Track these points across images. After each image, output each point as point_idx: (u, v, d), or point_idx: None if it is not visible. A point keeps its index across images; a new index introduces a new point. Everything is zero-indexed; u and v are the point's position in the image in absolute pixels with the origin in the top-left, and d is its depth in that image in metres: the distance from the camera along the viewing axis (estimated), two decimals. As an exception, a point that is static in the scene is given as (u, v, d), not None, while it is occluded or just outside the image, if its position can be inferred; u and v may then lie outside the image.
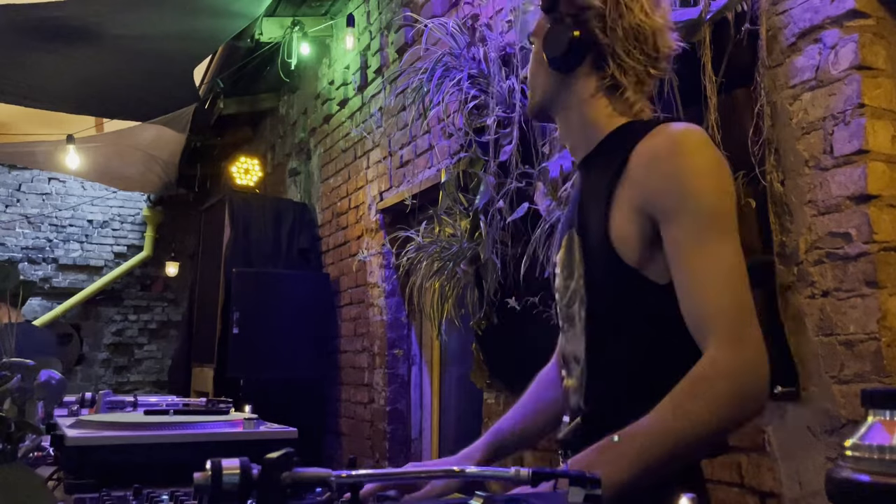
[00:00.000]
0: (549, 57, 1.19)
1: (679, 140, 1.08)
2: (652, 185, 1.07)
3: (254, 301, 4.64)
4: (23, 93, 4.62)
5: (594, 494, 0.67)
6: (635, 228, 1.08)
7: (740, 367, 0.97)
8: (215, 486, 0.64)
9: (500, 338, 2.72)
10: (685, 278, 1.03)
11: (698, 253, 1.02)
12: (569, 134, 1.24)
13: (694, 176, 1.05)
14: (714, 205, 1.04)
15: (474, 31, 2.72)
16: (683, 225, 1.03)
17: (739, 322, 0.99)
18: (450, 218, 2.85)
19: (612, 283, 1.12)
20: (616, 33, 1.14)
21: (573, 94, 1.19)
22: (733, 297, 1.01)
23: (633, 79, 1.16)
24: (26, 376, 1.27)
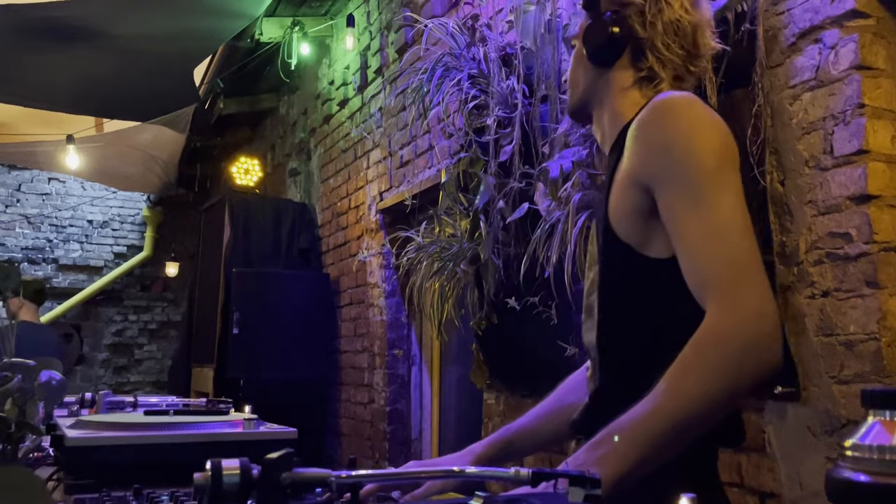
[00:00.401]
0: (588, 51, 1.20)
1: (660, 106, 1.07)
2: (640, 154, 1.06)
3: (254, 301, 4.64)
4: (23, 93, 4.62)
5: (594, 494, 0.67)
6: (630, 201, 1.07)
7: (735, 328, 0.92)
8: (215, 486, 0.64)
9: (500, 338, 2.72)
10: (681, 242, 1.00)
11: (692, 213, 0.99)
12: (601, 127, 1.24)
13: (678, 137, 1.03)
14: (704, 162, 1.01)
15: (474, 31, 2.72)
16: (674, 188, 1.01)
17: (736, 278, 0.95)
18: (450, 218, 2.85)
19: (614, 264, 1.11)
20: (655, 28, 1.14)
21: (609, 87, 1.20)
22: (728, 254, 0.96)
23: (671, 73, 1.17)
24: (27, 377, 1.27)
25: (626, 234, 1.08)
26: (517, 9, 2.62)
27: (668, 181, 1.02)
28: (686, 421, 0.93)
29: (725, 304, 0.94)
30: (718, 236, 0.97)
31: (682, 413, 0.92)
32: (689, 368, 0.93)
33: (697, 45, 1.17)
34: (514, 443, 1.28)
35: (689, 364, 0.94)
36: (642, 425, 0.93)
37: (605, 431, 0.95)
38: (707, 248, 0.97)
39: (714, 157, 1.02)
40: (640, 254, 1.06)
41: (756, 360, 0.93)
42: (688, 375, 0.93)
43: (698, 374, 0.93)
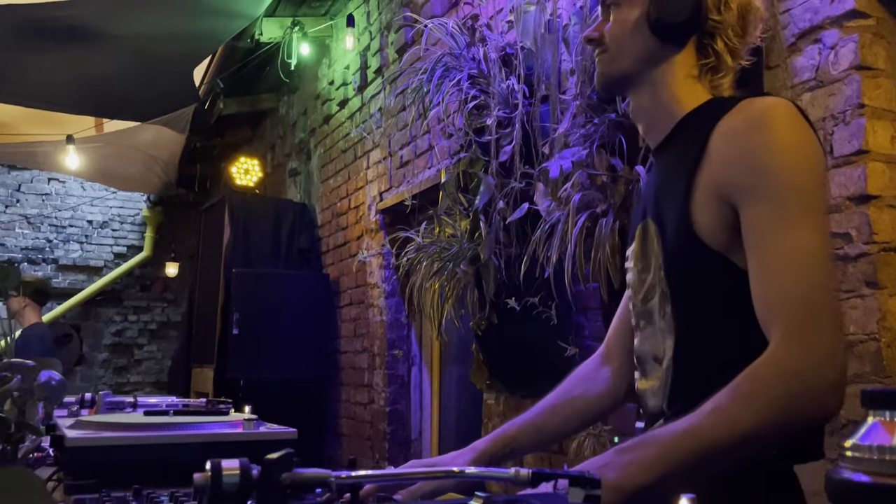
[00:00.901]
0: (661, 23, 1.07)
1: (761, 114, 0.98)
2: (729, 163, 0.97)
3: (254, 301, 4.64)
4: (23, 93, 4.63)
5: (594, 495, 0.67)
6: (717, 214, 0.98)
7: (800, 366, 0.86)
8: (215, 486, 0.64)
9: (500, 338, 2.72)
10: (756, 264, 0.93)
11: (772, 238, 0.91)
12: (647, 113, 1.13)
13: (773, 152, 0.94)
14: (795, 183, 0.93)
15: (474, 31, 2.72)
16: (760, 206, 0.93)
17: (810, 316, 0.88)
18: (450, 218, 2.85)
19: (696, 272, 1.02)
20: (731, 11, 1.06)
21: (669, 69, 1.09)
22: (806, 287, 0.89)
23: (737, 63, 1.09)
24: (26, 377, 1.27)
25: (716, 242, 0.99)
26: (517, 9, 2.62)
27: (754, 198, 0.94)
28: (725, 449, 0.87)
29: (795, 339, 0.87)
30: (800, 267, 0.90)
31: (723, 441, 0.87)
32: (742, 396, 0.87)
33: (751, 35, 1.09)
34: (518, 438, 1.23)
35: (744, 394, 0.87)
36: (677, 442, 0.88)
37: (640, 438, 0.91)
38: (786, 275, 0.90)
39: (808, 177, 0.95)
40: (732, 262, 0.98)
41: (815, 405, 0.88)
42: (739, 405, 0.87)
43: (751, 406, 0.87)
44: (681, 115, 1.08)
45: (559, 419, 1.25)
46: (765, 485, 0.97)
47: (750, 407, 0.86)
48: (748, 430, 0.86)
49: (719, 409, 0.87)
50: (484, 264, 2.60)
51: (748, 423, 0.86)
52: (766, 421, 0.86)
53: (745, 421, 0.86)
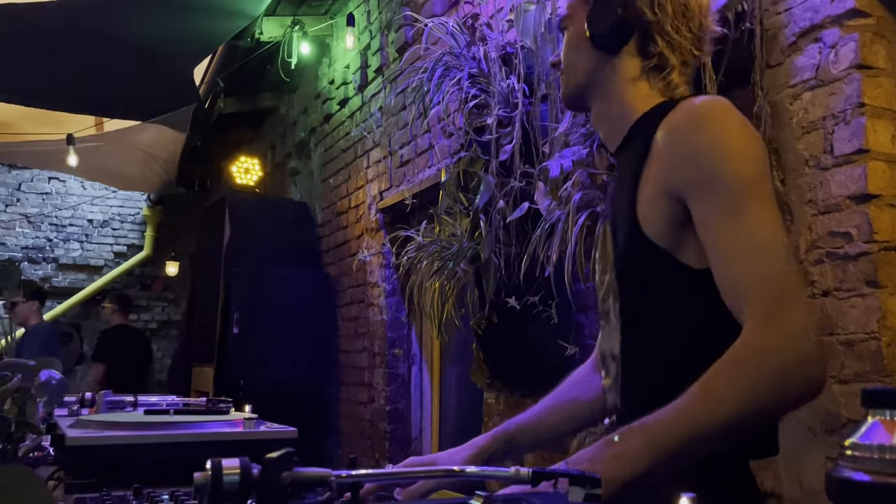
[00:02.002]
0: (594, 35, 1.13)
1: (700, 112, 1.02)
2: (674, 163, 1.01)
3: (254, 301, 4.64)
4: (23, 93, 4.63)
5: (594, 494, 0.67)
6: (663, 210, 1.02)
7: (780, 344, 0.89)
8: (215, 486, 0.64)
9: (500, 338, 2.72)
10: (719, 254, 0.96)
11: (731, 226, 0.95)
12: (604, 121, 1.18)
13: (716, 148, 0.99)
14: (742, 174, 0.97)
15: (474, 30, 2.72)
16: (712, 200, 0.97)
17: (779, 296, 0.91)
18: (450, 218, 2.85)
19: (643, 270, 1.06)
20: (665, 10, 1.09)
21: (615, 75, 1.13)
22: (771, 269, 0.93)
23: (680, 57, 1.12)
24: (27, 376, 1.27)
25: (661, 239, 1.03)
26: (517, 8, 2.62)
27: (705, 192, 0.98)
28: (713, 433, 0.89)
29: (769, 319, 0.90)
30: (761, 250, 0.94)
31: (711, 424, 0.89)
32: (727, 379, 0.90)
33: (703, 28, 1.12)
34: (517, 437, 1.25)
35: (728, 375, 0.90)
36: (665, 429, 0.89)
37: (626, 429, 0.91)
38: (749, 262, 0.94)
39: (753, 167, 0.99)
40: (678, 260, 1.02)
41: (801, 379, 0.90)
42: (724, 386, 0.89)
43: (736, 385, 0.89)
44: (633, 118, 1.12)
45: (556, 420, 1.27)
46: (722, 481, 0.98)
47: (735, 388, 0.89)
48: (735, 411, 0.88)
49: (705, 393, 0.89)
50: (484, 263, 2.60)
51: (734, 405, 0.88)
52: (751, 401, 0.89)
53: (731, 402, 0.88)
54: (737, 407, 0.88)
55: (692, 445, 0.89)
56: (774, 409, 0.92)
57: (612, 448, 0.90)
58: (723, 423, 0.89)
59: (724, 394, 0.88)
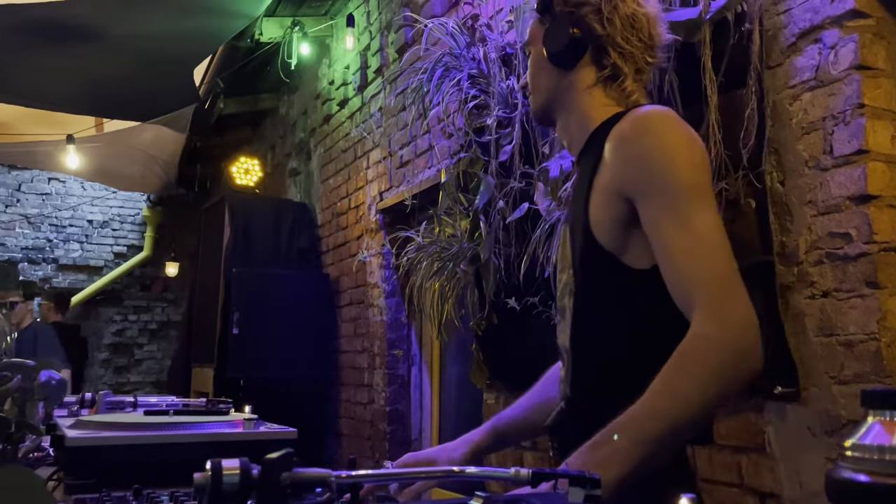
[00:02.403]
0: (550, 54, 1.22)
1: (643, 120, 1.10)
2: (622, 167, 1.09)
3: (254, 301, 4.64)
4: (23, 93, 4.63)
5: (594, 495, 0.67)
6: (611, 211, 1.10)
7: (726, 337, 0.97)
8: (215, 486, 0.64)
9: (500, 338, 2.72)
10: (666, 254, 1.03)
11: (676, 227, 1.02)
12: (567, 130, 1.27)
13: (661, 153, 1.06)
14: (686, 178, 1.05)
15: (474, 31, 2.72)
16: (658, 203, 1.05)
17: (722, 291, 0.99)
18: (450, 218, 2.85)
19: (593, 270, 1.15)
20: (614, 24, 1.17)
21: (573, 88, 1.22)
22: (714, 267, 1.01)
23: (633, 66, 1.20)
24: (27, 377, 1.27)
25: (608, 242, 1.11)
26: (517, 9, 2.62)
27: (651, 194, 1.05)
28: (683, 422, 0.96)
29: (715, 313, 0.98)
30: (705, 249, 1.01)
31: (680, 414, 0.96)
32: (685, 372, 0.97)
33: (653, 37, 1.20)
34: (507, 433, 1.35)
35: (685, 368, 0.97)
36: (642, 426, 0.95)
37: (605, 432, 0.97)
38: (694, 261, 1.01)
39: (695, 171, 1.06)
40: (622, 262, 1.10)
41: (746, 367, 0.98)
42: (683, 378, 0.96)
43: (694, 377, 0.96)
44: (591, 125, 1.21)
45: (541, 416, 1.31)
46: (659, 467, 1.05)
47: (694, 378, 0.96)
48: (699, 401, 0.96)
49: (667, 387, 0.97)
50: (484, 264, 2.60)
51: (698, 395, 0.96)
52: (711, 390, 0.97)
53: (695, 393, 0.96)
54: (700, 397, 0.96)
55: (671, 438, 0.97)
56: (728, 394, 1.00)
57: (599, 451, 0.96)
58: (692, 413, 0.96)
59: (688, 386, 0.96)
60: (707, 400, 0.97)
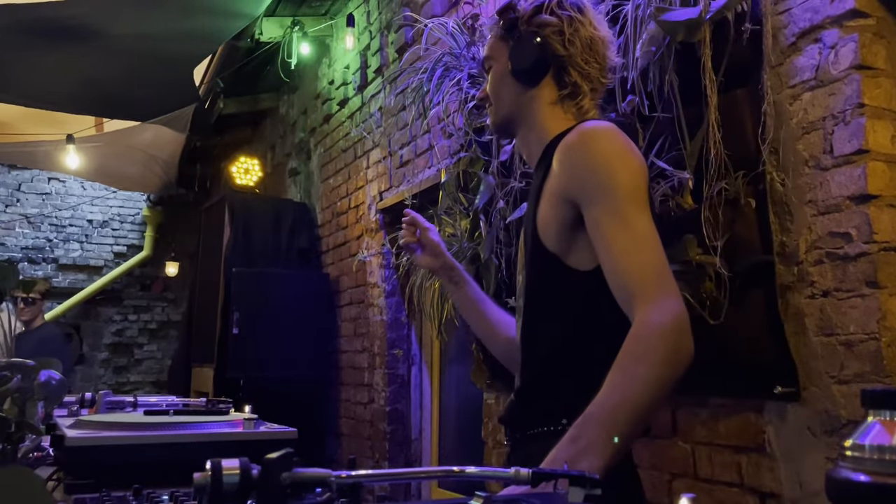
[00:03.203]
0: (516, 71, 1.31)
1: (588, 132, 1.20)
2: (568, 173, 1.19)
3: (254, 301, 4.64)
4: (23, 93, 4.63)
5: (594, 494, 0.67)
6: (557, 216, 1.20)
7: (669, 324, 1.06)
8: (215, 486, 0.64)
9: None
10: (607, 251, 1.13)
11: (617, 227, 1.13)
12: (527, 144, 1.37)
13: (604, 159, 1.17)
14: (625, 183, 1.15)
15: (474, 30, 2.72)
16: (600, 205, 1.15)
17: (659, 283, 1.09)
18: (450, 218, 2.85)
19: (539, 271, 1.24)
20: (574, 45, 1.28)
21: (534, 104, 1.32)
22: (652, 263, 1.11)
23: (590, 85, 1.30)
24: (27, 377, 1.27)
25: (553, 245, 1.20)
26: (517, 9, 2.61)
27: (594, 199, 1.15)
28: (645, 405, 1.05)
29: (656, 304, 1.08)
30: (642, 248, 1.12)
31: (642, 398, 1.04)
32: (640, 358, 1.05)
33: (607, 59, 1.32)
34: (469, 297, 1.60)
35: (639, 355, 1.06)
36: (612, 415, 1.03)
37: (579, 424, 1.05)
38: (633, 258, 1.11)
39: (633, 177, 1.17)
40: (565, 264, 1.19)
41: (686, 350, 1.08)
42: (639, 364, 1.05)
43: (648, 361, 1.05)
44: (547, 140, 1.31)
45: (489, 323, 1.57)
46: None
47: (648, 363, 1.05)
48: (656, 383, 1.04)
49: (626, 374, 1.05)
50: (484, 264, 2.60)
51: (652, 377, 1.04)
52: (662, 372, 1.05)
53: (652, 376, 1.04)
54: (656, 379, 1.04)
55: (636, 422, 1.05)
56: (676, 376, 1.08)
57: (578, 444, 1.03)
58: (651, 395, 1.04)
59: (644, 370, 1.04)
60: (662, 381, 1.05)
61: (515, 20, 1.32)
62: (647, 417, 1.09)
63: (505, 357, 1.58)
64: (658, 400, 1.06)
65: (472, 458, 3.12)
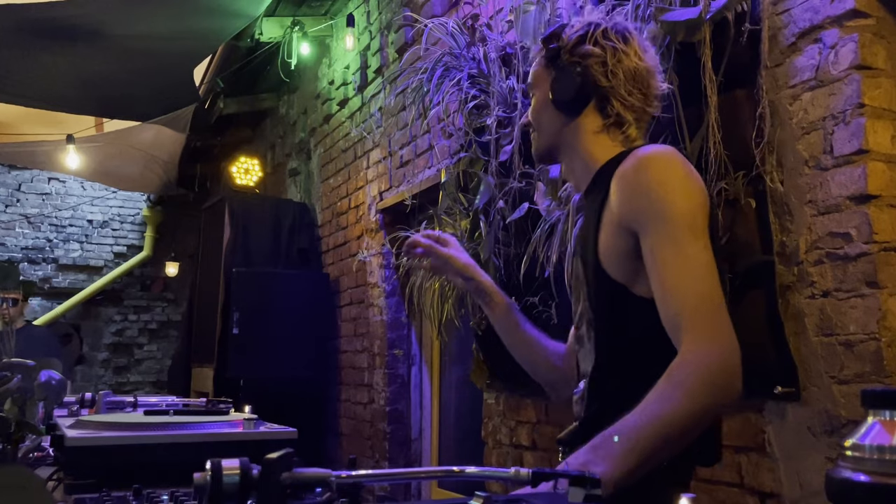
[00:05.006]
0: (557, 101, 1.30)
1: (644, 158, 1.18)
2: (625, 202, 1.17)
3: (254, 301, 4.64)
4: (23, 93, 4.63)
5: (594, 494, 0.67)
6: (618, 245, 1.18)
7: (715, 356, 1.04)
8: (215, 486, 0.64)
9: (500, 338, 2.72)
10: (658, 280, 1.11)
11: (669, 256, 1.10)
12: (572, 171, 1.35)
13: (660, 186, 1.14)
14: (680, 210, 1.13)
15: (474, 30, 2.72)
16: (655, 233, 1.12)
17: (709, 318, 1.07)
18: (450, 218, 2.86)
19: (605, 301, 1.22)
20: (617, 77, 1.25)
21: (578, 133, 1.30)
22: (702, 295, 1.08)
23: (634, 115, 1.28)
24: (27, 377, 1.27)
25: (618, 275, 1.18)
26: (517, 8, 2.62)
27: (650, 227, 1.13)
28: (674, 432, 1.03)
29: (705, 334, 1.06)
30: (696, 277, 1.09)
31: (671, 421, 1.02)
32: (677, 383, 1.04)
33: (651, 87, 1.29)
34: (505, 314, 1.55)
35: (678, 381, 1.04)
36: (639, 431, 1.02)
37: (604, 435, 1.03)
38: (685, 287, 1.09)
39: (691, 205, 1.14)
40: (632, 292, 1.17)
41: (730, 386, 1.06)
42: (675, 389, 1.03)
43: (685, 388, 1.03)
44: (595, 167, 1.29)
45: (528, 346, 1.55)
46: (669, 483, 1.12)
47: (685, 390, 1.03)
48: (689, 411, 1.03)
49: (662, 396, 1.04)
50: (484, 264, 2.60)
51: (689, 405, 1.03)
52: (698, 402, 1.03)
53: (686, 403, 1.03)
54: (690, 406, 1.03)
55: (662, 444, 1.03)
56: (714, 408, 1.08)
57: (596, 452, 1.02)
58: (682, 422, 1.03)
59: (679, 396, 1.03)
60: (696, 410, 1.03)
61: (558, 50, 1.30)
62: (675, 444, 1.06)
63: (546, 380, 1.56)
64: (689, 430, 1.04)
65: (472, 458, 3.12)
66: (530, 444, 2.72)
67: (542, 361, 1.54)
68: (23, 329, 4.92)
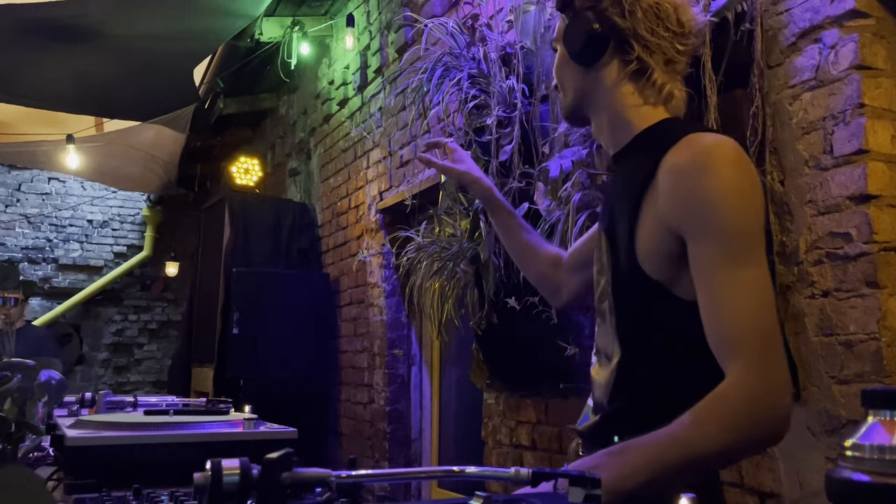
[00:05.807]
0: (570, 52, 1.18)
1: (706, 155, 1.03)
2: (677, 202, 1.04)
3: (254, 301, 4.64)
4: (23, 93, 4.63)
5: (594, 495, 0.67)
6: (662, 245, 1.06)
7: (761, 394, 0.96)
8: (215, 486, 0.64)
9: (500, 338, 2.72)
10: (709, 300, 1.00)
11: (723, 275, 0.99)
12: (601, 130, 1.22)
13: (719, 195, 1.01)
14: (739, 226, 1.00)
15: (474, 30, 2.72)
16: (708, 246, 1.00)
17: (763, 348, 0.97)
18: (450, 218, 2.85)
19: (637, 298, 1.10)
20: (635, 15, 1.12)
21: (599, 86, 1.17)
22: (758, 322, 0.98)
23: (661, 58, 1.14)
24: (26, 376, 1.27)
25: (656, 274, 1.07)
26: (517, 8, 2.62)
27: (702, 238, 1.01)
28: (699, 461, 0.97)
29: (754, 367, 0.96)
30: (751, 301, 0.98)
31: (699, 453, 0.96)
32: (716, 413, 0.96)
33: (682, 24, 1.14)
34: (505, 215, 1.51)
35: (717, 412, 0.96)
36: (659, 451, 0.96)
37: (625, 444, 0.99)
38: (740, 311, 0.98)
39: (751, 219, 1.02)
40: (671, 292, 1.06)
41: (773, 426, 0.98)
42: (713, 422, 0.96)
43: (723, 424, 0.95)
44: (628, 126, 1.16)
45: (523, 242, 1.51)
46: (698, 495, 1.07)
47: (722, 425, 0.95)
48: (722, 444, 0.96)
49: (696, 424, 0.96)
50: (484, 264, 2.60)
51: (720, 440, 0.95)
52: (734, 439, 0.96)
53: (718, 437, 0.95)
54: (725, 439, 0.95)
55: (684, 469, 0.96)
56: (751, 447, 1.02)
57: (614, 459, 0.97)
58: (712, 453, 0.96)
59: (714, 433, 0.95)
60: (729, 445, 0.96)
61: None
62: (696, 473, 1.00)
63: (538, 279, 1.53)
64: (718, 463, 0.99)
65: (472, 458, 3.12)
66: (530, 444, 2.72)
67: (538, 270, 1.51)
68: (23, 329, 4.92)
